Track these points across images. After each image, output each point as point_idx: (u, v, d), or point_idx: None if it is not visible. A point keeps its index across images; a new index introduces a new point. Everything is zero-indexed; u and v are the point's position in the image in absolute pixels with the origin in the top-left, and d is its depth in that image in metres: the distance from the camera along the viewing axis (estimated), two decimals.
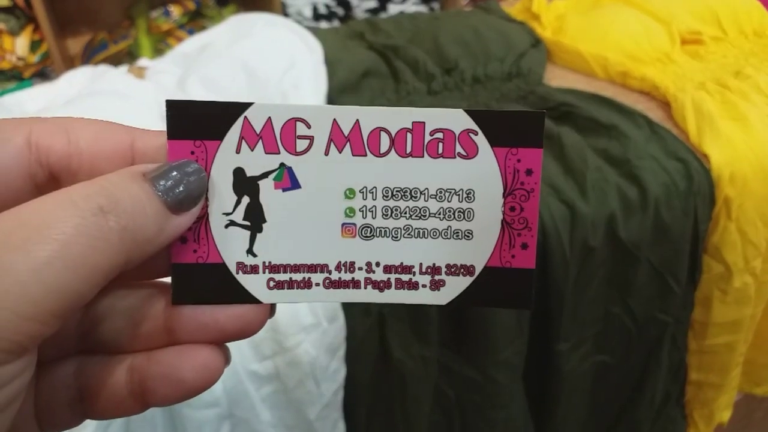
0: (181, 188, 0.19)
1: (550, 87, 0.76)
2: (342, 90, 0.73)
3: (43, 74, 1.37)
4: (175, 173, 0.19)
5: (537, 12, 0.87)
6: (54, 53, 1.32)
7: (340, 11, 1.59)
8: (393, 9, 1.61)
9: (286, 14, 1.55)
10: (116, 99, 0.64)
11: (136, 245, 0.18)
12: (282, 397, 0.53)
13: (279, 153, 0.21)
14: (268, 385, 0.53)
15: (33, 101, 0.69)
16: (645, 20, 0.82)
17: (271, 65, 0.69)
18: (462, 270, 0.22)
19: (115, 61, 1.34)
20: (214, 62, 0.70)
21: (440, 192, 0.21)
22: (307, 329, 0.52)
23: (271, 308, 0.21)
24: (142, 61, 0.81)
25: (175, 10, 1.48)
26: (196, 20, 1.52)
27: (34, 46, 1.32)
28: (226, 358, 0.21)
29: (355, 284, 0.22)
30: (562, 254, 0.60)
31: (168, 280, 0.21)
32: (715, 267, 0.69)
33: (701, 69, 0.78)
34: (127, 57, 1.45)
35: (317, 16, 1.56)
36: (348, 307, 0.54)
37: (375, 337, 0.57)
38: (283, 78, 0.69)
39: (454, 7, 1.58)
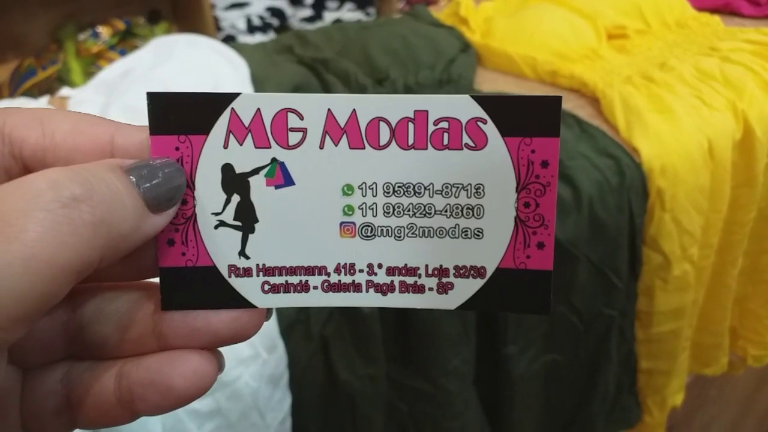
0: (160, 186, 0.18)
1: (480, 92, 0.76)
2: None
3: None
4: (154, 170, 0.18)
5: (465, 16, 0.87)
6: None
7: (274, 22, 1.57)
8: (329, 17, 1.60)
9: (219, 28, 1.52)
10: None
11: (112, 241, 0.16)
12: None
13: (270, 147, 0.19)
14: (209, 422, 0.51)
15: None
16: (571, 18, 0.83)
17: (193, 87, 0.67)
18: (472, 272, 0.20)
19: (44, 87, 1.30)
20: (135, 88, 0.68)
21: (446, 187, 0.19)
22: (246, 361, 0.51)
23: (267, 311, 0.20)
24: (64, 91, 0.78)
25: (104, 31, 1.44)
26: (127, 40, 1.48)
27: None
28: (219, 365, 0.19)
29: (356, 287, 0.20)
30: None
31: (158, 280, 0.20)
32: (654, 257, 0.70)
33: (627, 63, 0.79)
34: (57, 83, 1.41)
35: (251, 28, 1.54)
36: (288, 334, 0.53)
37: (319, 361, 0.56)
38: None
39: (390, 12, 1.58)
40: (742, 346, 0.93)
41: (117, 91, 0.70)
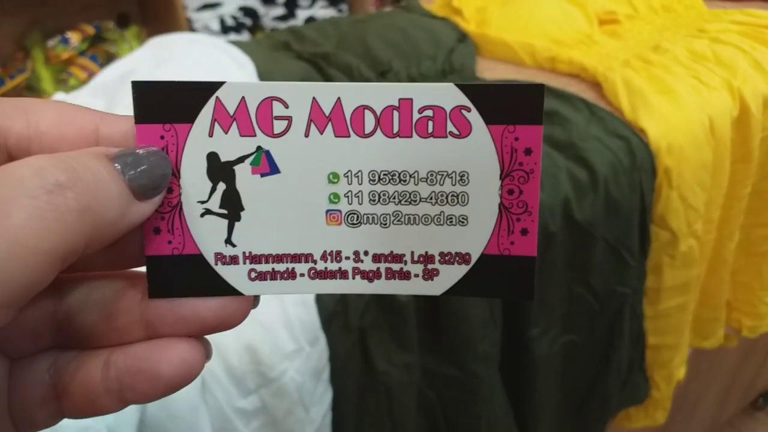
0: (145, 173, 0.18)
1: (485, 80, 0.77)
2: None
3: None
4: (139, 158, 0.18)
5: (458, 6, 0.88)
6: None
7: (247, 21, 1.56)
8: (301, 14, 1.59)
9: (192, 30, 1.50)
10: None
11: (97, 228, 0.16)
12: (272, 429, 0.52)
13: (255, 135, 0.19)
14: (255, 419, 0.51)
15: None
16: (563, 5, 0.84)
17: None
18: (457, 258, 0.20)
19: (13, 96, 1.26)
20: None
21: (431, 175, 0.20)
22: (290, 356, 0.51)
23: (255, 299, 0.20)
24: (58, 96, 0.76)
25: (74, 37, 1.40)
26: (97, 45, 1.45)
27: None
28: (207, 352, 0.20)
29: (343, 274, 0.20)
30: None
31: (144, 269, 0.20)
32: (662, 235, 0.72)
33: (621, 47, 0.81)
34: (26, 91, 1.37)
35: (225, 28, 1.52)
36: (328, 327, 0.52)
37: (358, 352, 0.55)
38: None
39: (362, 10, 1.58)
40: (736, 318, 0.96)
41: (121, 93, 0.68)
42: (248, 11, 1.56)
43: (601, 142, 0.66)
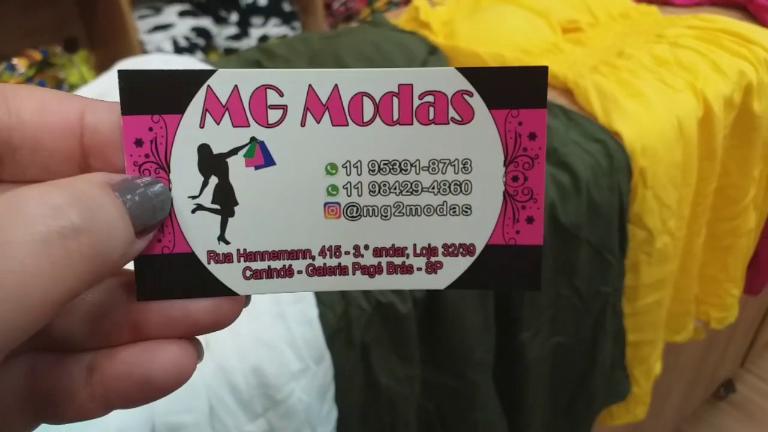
0: (148, 209, 0.17)
1: None
2: None
3: None
4: (142, 189, 0.17)
5: (426, 20, 0.89)
6: None
7: (200, 42, 1.54)
8: (255, 33, 1.58)
9: (145, 52, 1.47)
10: None
11: (101, 270, 0.15)
12: None
13: (249, 126, 0.18)
14: None
15: None
16: (527, 15, 0.86)
17: None
18: (461, 250, 0.19)
19: None
20: None
21: (433, 163, 0.19)
22: (297, 376, 0.50)
23: (246, 298, 0.19)
24: None
25: (20, 63, 1.35)
26: (44, 71, 1.40)
27: None
28: (198, 354, 0.19)
29: (342, 270, 0.19)
30: None
31: (132, 268, 0.19)
32: (639, 233, 0.74)
33: (587, 54, 0.84)
34: None
35: (178, 49, 1.50)
36: (332, 342, 0.52)
37: (361, 368, 0.55)
38: None
39: (315, 27, 1.58)
40: (704, 311, 1.00)
41: None
42: (201, 31, 1.54)
43: (581, 146, 0.67)
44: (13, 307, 0.13)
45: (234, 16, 1.56)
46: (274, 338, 0.49)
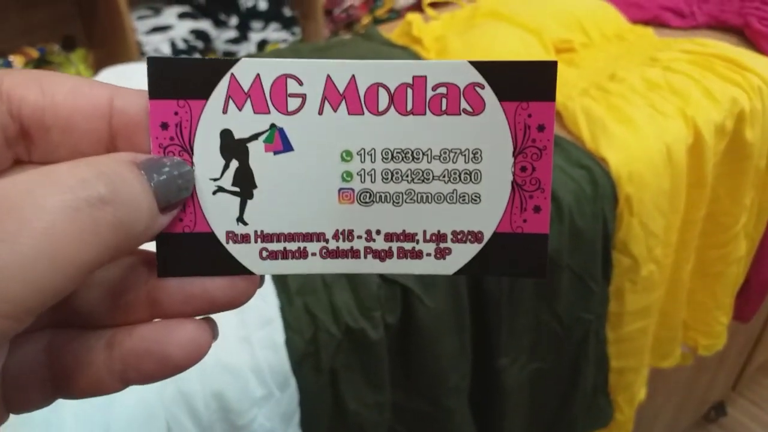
0: (171, 186, 0.18)
1: None
2: None
3: None
4: (167, 169, 0.18)
5: (418, 35, 0.88)
6: None
7: (199, 44, 1.53)
8: (254, 37, 1.58)
9: (142, 53, 1.46)
10: None
11: (126, 241, 0.16)
12: None
13: (269, 113, 0.19)
14: None
15: None
16: (520, 34, 0.85)
17: None
18: (469, 237, 0.20)
19: None
20: None
21: (444, 152, 0.20)
22: (259, 402, 0.49)
23: (260, 278, 0.20)
24: None
25: (17, 61, 1.35)
26: (42, 69, 1.40)
27: None
28: (214, 333, 0.19)
29: (354, 254, 0.20)
30: None
31: (151, 246, 0.19)
32: (624, 261, 0.73)
33: (579, 75, 0.83)
34: None
35: (176, 52, 1.49)
36: (299, 369, 0.51)
37: (329, 394, 0.54)
38: None
39: (316, 33, 1.57)
40: (692, 336, 0.99)
41: None
42: (200, 34, 1.53)
43: (565, 171, 0.66)
44: (47, 266, 0.14)
45: (234, 20, 1.55)
46: (237, 363, 0.48)
